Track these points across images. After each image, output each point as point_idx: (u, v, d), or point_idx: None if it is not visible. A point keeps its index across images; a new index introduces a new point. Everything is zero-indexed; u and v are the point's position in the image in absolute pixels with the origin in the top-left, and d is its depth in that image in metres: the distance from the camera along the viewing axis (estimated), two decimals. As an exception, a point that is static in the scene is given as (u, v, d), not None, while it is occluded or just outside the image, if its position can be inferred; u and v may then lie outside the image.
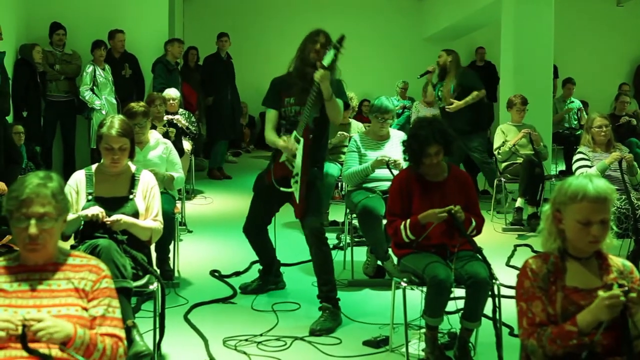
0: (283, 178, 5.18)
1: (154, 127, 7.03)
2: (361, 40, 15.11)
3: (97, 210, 4.22)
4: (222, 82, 11.51)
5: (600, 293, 2.80)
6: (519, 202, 8.14)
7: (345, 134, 7.88)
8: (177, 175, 6.08)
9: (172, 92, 9.29)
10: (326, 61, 4.98)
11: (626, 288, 2.75)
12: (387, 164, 5.90)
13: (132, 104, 6.06)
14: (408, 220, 4.39)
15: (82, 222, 4.28)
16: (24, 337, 2.57)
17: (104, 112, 9.53)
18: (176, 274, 6.06)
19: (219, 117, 11.33)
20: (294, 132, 5.09)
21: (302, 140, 5.05)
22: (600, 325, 2.77)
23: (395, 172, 5.63)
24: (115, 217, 4.25)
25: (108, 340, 2.75)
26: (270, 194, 5.31)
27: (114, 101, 9.93)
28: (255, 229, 5.66)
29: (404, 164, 5.80)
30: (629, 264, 3.03)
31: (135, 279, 4.15)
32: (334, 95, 5.04)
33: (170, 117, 8.82)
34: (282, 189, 5.17)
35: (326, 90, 4.97)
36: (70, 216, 4.22)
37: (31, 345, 2.59)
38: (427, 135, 4.43)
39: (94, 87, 9.75)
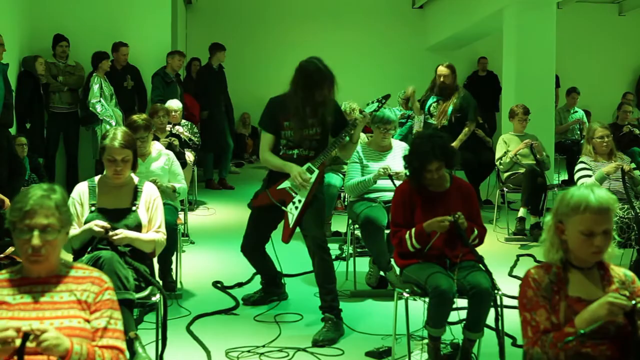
0: (281, 201, 5.26)
1: (156, 138, 7.05)
2: (363, 50, 15.18)
3: (102, 224, 4.23)
4: (216, 94, 11.45)
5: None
6: (522, 212, 8.13)
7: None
8: (179, 186, 6.09)
9: (174, 104, 9.31)
10: (368, 110, 5.45)
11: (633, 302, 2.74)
12: (390, 175, 5.90)
13: (134, 117, 6.06)
14: (413, 230, 4.40)
15: (96, 238, 4.28)
16: (22, 348, 2.57)
17: (113, 122, 9.54)
18: (179, 285, 6.06)
19: (211, 130, 11.25)
20: (309, 164, 5.19)
21: (316, 172, 5.18)
22: (606, 336, 2.77)
23: (398, 182, 5.64)
24: (118, 235, 4.25)
25: (108, 354, 2.75)
26: (265, 215, 5.35)
27: (120, 112, 9.94)
28: (253, 248, 5.68)
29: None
30: (630, 273, 3.03)
31: (137, 291, 4.16)
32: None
33: (171, 127, 8.85)
34: (282, 207, 5.23)
35: (357, 134, 5.30)
36: (76, 230, 4.24)
37: (27, 358, 2.59)
38: (427, 152, 4.43)
39: (102, 99, 9.75)
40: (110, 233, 4.23)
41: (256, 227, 5.57)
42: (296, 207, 5.18)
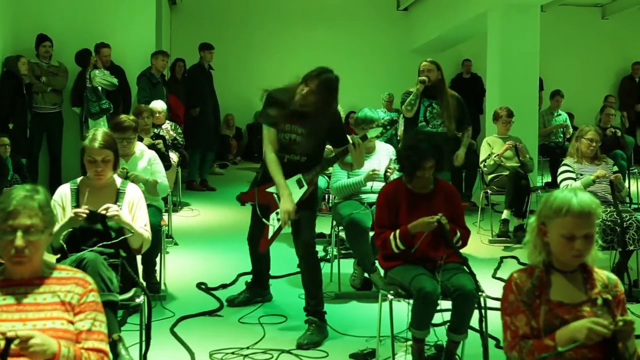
0: (265, 206, 5.20)
1: (140, 139, 7.03)
2: (347, 52, 15.18)
3: (80, 211, 4.22)
4: (206, 93, 11.45)
5: (586, 308, 2.83)
6: (505, 214, 8.16)
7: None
8: (160, 181, 6.06)
9: (158, 105, 9.27)
10: (370, 134, 5.25)
11: (620, 323, 2.76)
12: (385, 175, 5.91)
13: (123, 117, 6.07)
14: (397, 231, 4.40)
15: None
16: (6, 351, 2.55)
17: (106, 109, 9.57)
18: (162, 287, 6.04)
19: (201, 129, 11.24)
20: (300, 175, 5.13)
21: (305, 187, 5.13)
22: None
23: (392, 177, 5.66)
24: (111, 210, 4.25)
25: (93, 356, 2.74)
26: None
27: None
28: (258, 239, 5.61)
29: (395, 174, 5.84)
30: (613, 277, 3.04)
31: (122, 293, 4.14)
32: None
33: (163, 127, 8.86)
34: (263, 219, 5.17)
35: (359, 159, 5.19)
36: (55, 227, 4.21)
37: None
38: (427, 150, 4.45)
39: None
40: (102, 207, 4.23)
41: (256, 218, 5.49)
42: (278, 219, 5.12)
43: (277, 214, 5.12)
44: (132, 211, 4.50)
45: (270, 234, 5.15)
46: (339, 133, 5.29)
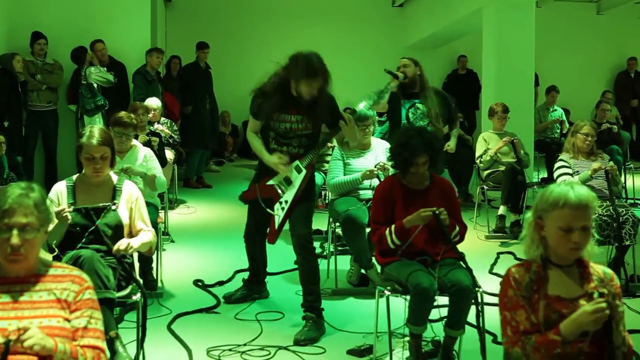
0: (268, 199, 5.23)
1: (136, 136, 7.03)
2: (343, 49, 15.15)
3: (60, 208, 4.19)
4: (201, 92, 11.45)
5: (582, 303, 2.83)
6: (502, 209, 8.16)
7: (329, 143, 7.85)
8: (158, 176, 6.06)
9: (153, 102, 9.25)
10: (361, 106, 5.41)
11: (609, 300, 2.77)
12: (378, 177, 5.90)
13: (123, 114, 6.12)
14: (393, 226, 4.40)
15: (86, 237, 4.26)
16: (6, 352, 2.55)
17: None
18: (159, 284, 6.03)
19: (197, 127, 11.26)
20: (297, 162, 5.16)
21: (304, 171, 5.15)
22: (586, 334, 2.79)
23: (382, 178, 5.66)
24: (122, 246, 4.18)
25: (89, 353, 2.74)
26: (259, 205, 5.31)
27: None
28: (254, 236, 5.63)
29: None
30: (609, 271, 3.05)
31: (119, 290, 4.14)
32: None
33: (155, 127, 8.84)
34: (267, 210, 5.21)
35: (353, 133, 5.28)
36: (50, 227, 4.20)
37: (10, 357, 2.57)
38: (418, 146, 4.45)
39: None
40: (115, 247, 4.16)
41: (253, 217, 5.56)
42: (282, 208, 5.15)
43: (280, 203, 5.15)
44: (132, 211, 4.48)
45: (277, 224, 5.18)
46: (336, 116, 5.26)
